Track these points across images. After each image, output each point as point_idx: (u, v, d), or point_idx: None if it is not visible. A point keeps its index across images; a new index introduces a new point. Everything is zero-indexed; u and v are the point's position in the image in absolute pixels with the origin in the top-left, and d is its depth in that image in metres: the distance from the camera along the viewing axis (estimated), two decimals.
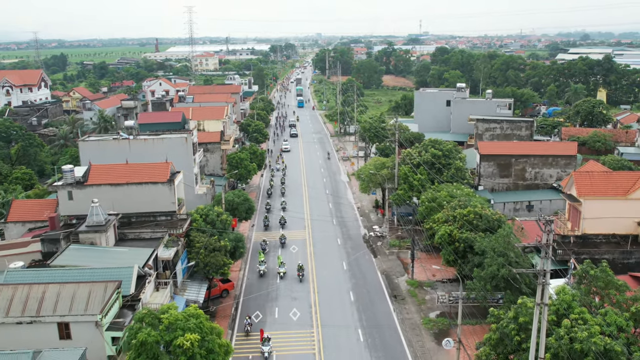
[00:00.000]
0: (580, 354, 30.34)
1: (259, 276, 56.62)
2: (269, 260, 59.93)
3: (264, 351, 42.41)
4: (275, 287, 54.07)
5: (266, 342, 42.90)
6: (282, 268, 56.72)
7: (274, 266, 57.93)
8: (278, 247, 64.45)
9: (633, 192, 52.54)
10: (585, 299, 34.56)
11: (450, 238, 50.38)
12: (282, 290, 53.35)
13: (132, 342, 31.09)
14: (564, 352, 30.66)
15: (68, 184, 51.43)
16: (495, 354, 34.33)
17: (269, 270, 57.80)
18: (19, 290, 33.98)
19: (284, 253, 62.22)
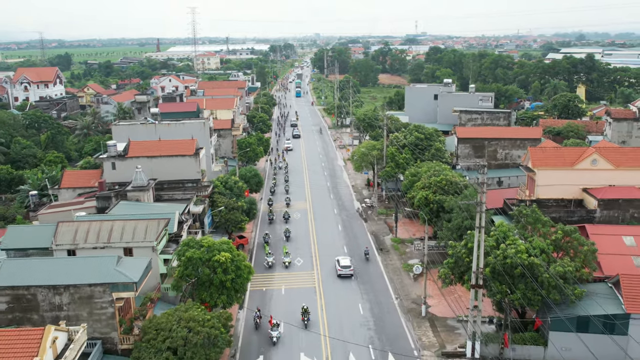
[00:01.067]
0: (510, 267, 41.94)
1: (267, 268, 59.00)
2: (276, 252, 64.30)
3: (272, 336, 44.56)
4: (282, 243, 65.30)
5: (275, 328, 44.95)
6: (287, 258, 59.79)
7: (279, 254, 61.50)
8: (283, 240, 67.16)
9: (578, 164, 64.28)
10: (520, 231, 46.22)
11: (426, 201, 62.01)
12: (289, 248, 64.08)
13: (181, 259, 42.68)
14: (499, 267, 42.28)
15: (112, 156, 63.03)
16: (452, 273, 45.90)
17: (276, 261, 60.92)
18: (93, 225, 45.52)
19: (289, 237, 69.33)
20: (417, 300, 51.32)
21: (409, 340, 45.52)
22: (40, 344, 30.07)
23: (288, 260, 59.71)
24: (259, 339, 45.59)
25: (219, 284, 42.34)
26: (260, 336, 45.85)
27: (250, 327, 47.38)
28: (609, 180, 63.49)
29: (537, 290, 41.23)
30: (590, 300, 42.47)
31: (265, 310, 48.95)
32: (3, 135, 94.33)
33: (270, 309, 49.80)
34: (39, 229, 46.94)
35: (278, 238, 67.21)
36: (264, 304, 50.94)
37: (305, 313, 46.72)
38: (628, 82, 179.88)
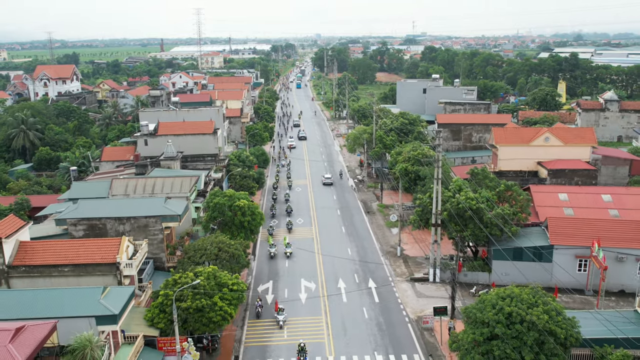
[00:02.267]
0: (462, 211, 55.27)
1: (270, 258, 61.99)
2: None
3: (279, 320, 47.17)
4: (284, 207, 78.54)
5: (281, 312, 47.49)
6: (289, 249, 62.38)
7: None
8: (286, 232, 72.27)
9: (533, 141, 77.86)
10: (471, 185, 59.67)
11: (406, 171, 75.42)
12: (292, 211, 77.40)
13: (209, 205, 56.17)
14: (454, 211, 55.61)
15: (144, 134, 76.58)
16: (419, 219, 59.28)
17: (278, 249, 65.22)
18: (140, 181, 59.05)
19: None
20: (395, 246, 64.72)
21: (386, 271, 58.93)
22: (119, 248, 43.53)
23: (290, 250, 62.23)
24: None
25: (239, 224, 55.86)
26: (271, 264, 58.90)
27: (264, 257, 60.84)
28: (559, 155, 77.11)
29: (482, 228, 54.57)
30: (525, 237, 55.80)
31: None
32: (39, 122, 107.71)
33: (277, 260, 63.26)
34: (96, 184, 60.51)
35: (281, 202, 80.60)
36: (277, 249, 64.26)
37: (301, 352, 42.41)
38: (609, 79, 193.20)
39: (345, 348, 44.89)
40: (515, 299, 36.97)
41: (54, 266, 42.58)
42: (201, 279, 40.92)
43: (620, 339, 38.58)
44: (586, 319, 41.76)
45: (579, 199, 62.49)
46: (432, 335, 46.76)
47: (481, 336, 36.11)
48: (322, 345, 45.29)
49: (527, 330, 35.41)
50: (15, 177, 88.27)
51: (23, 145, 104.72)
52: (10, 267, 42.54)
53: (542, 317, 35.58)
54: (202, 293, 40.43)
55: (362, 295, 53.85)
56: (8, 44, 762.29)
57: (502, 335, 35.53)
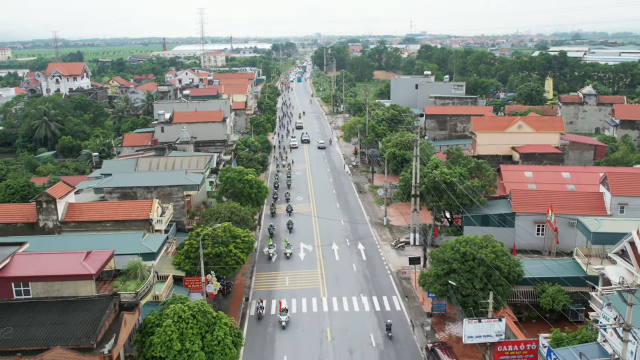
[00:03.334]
0: (437, 183, 65.20)
1: (268, 259, 62.60)
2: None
3: (281, 320, 47.93)
4: (286, 190, 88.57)
5: (284, 312, 48.36)
6: (289, 249, 63.12)
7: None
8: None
9: (508, 128, 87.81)
10: (446, 162, 69.66)
11: (394, 155, 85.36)
12: (291, 194, 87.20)
13: (222, 179, 66.22)
14: (430, 184, 65.52)
15: (161, 122, 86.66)
16: (402, 193, 69.19)
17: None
18: (161, 159, 69.10)
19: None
20: (382, 218, 74.71)
21: (373, 237, 68.97)
22: (151, 208, 53.56)
23: (289, 251, 62.81)
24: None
25: (247, 195, 65.94)
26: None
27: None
28: (530, 140, 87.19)
29: (454, 199, 64.50)
30: (492, 206, 65.77)
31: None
32: (59, 114, 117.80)
33: (280, 223, 73.20)
34: (124, 162, 70.56)
35: (284, 184, 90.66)
36: (278, 222, 74.19)
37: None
38: (597, 76, 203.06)
39: (337, 291, 54.93)
40: (470, 243, 46.97)
41: (98, 222, 52.59)
42: (219, 231, 50.95)
43: (561, 277, 48.58)
44: (533, 264, 51.85)
45: (541, 176, 72.39)
46: (409, 282, 56.79)
47: (442, 271, 46.08)
48: (317, 290, 55.32)
49: (477, 265, 45.35)
50: (41, 162, 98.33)
51: (45, 135, 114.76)
52: (62, 222, 52.54)
53: (489, 255, 45.55)
54: (220, 242, 50.45)
55: (352, 255, 63.89)
56: (10, 43, 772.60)
57: (457, 269, 45.48)
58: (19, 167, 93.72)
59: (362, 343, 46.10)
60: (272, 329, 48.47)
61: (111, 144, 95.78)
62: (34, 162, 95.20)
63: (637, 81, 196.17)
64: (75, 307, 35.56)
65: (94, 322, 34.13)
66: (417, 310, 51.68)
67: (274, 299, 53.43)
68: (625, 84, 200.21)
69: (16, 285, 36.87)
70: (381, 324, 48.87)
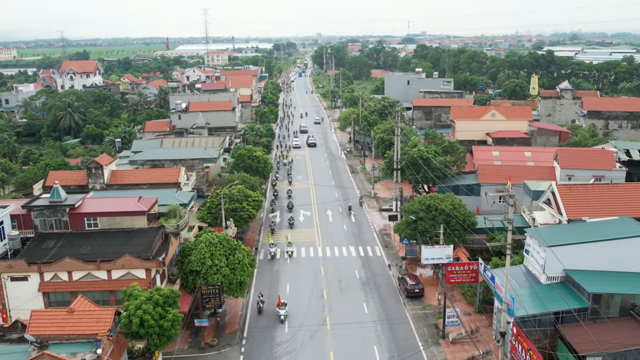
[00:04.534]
0: (416, 159, 78.26)
1: (270, 258, 64.00)
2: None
3: (280, 314, 49.76)
4: (287, 169, 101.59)
5: (283, 307, 50.14)
6: (291, 247, 64.82)
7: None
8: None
9: (483, 116, 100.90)
10: (425, 143, 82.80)
11: (382, 139, 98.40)
12: (292, 174, 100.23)
13: (234, 155, 79.43)
14: (410, 159, 78.59)
15: (178, 111, 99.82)
16: (387, 168, 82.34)
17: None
18: (182, 139, 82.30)
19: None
20: (370, 191, 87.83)
21: (366, 218, 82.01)
22: (179, 174, 66.73)
23: (291, 250, 64.43)
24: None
25: (255, 169, 79.09)
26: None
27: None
28: (502, 127, 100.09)
29: (429, 172, 77.56)
30: (463, 179, 78.77)
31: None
32: (81, 106, 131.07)
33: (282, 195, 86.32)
34: (150, 142, 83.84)
35: (285, 169, 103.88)
36: (281, 193, 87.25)
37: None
38: (582, 74, 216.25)
39: (330, 243, 68.11)
40: (434, 197, 60.07)
41: (136, 184, 65.71)
42: (234, 191, 64.12)
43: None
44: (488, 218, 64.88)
45: (506, 155, 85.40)
46: (389, 237, 69.94)
47: (411, 219, 59.15)
48: (314, 242, 68.47)
49: (438, 214, 58.40)
50: (69, 147, 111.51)
51: (69, 125, 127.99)
52: (107, 185, 65.70)
53: (448, 207, 58.63)
54: (235, 200, 63.60)
55: (343, 218, 77.06)
56: (13, 42, 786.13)
57: (424, 217, 58.52)
58: (50, 152, 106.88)
59: (348, 276, 59.24)
60: (277, 266, 61.65)
61: (132, 131, 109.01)
62: (64, 147, 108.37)
63: (620, 78, 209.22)
64: (133, 234, 48.73)
65: (149, 243, 47.30)
66: (394, 256, 64.78)
67: (279, 249, 66.38)
68: (610, 82, 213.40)
69: (87, 219, 50.02)
70: (365, 265, 62.03)
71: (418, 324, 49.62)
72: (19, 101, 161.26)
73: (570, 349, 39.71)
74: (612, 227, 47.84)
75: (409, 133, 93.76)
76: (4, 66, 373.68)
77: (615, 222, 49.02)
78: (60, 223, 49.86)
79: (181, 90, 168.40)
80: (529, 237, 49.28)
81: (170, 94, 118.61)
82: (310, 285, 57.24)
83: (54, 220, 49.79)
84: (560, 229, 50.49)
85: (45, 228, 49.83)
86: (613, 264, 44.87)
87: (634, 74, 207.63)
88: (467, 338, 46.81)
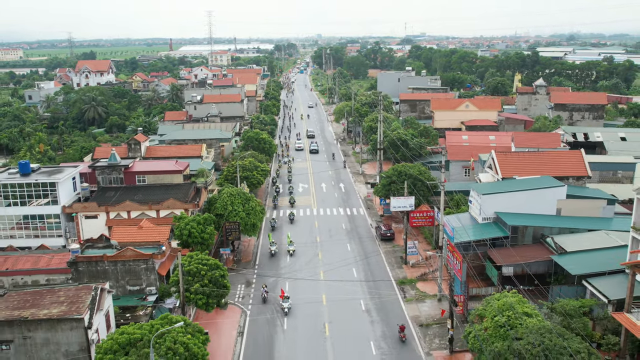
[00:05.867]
0: (396, 141, 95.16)
1: (270, 256, 65.93)
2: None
3: (284, 306, 51.20)
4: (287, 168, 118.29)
5: (286, 300, 51.57)
6: (292, 246, 66.39)
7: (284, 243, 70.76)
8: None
9: (458, 107, 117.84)
10: (405, 127, 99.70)
11: (370, 127, 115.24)
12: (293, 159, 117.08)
13: (244, 138, 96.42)
14: (390, 141, 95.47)
15: (193, 102, 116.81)
16: (372, 149, 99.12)
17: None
18: (200, 124, 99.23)
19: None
20: (359, 169, 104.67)
21: (350, 180, 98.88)
22: (201, 149, 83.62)
23: (292, 248, 66.10)
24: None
25: (262, 149, 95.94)
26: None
27: None
28: (475, 117, 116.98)
29: (406, 151, 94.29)
30: (435, 157, 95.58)
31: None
32: (104, 100, 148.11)
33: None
34: (174, 126, 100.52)
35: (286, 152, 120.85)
36: (282, 170, 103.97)
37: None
38: (565, 73, 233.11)
39: (323, 206, 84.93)
40: (405, 166, 76.83)
41: (167, 157, 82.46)
42: (246, 162, 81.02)
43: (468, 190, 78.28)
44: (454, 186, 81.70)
45: (473, 139, 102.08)
46: (371, 202, 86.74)
47: (386, 182, 75.84)
48: (310, 205, 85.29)
49: (408, 178, 75.08)
50: (97, 135, 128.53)
51: (93, 117, 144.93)
52: (144, 158, 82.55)
53: (415, 172, 75.35)
54: (247, 169, 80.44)
55: (335, 189, 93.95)
56: (16, 43, 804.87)
57: (396, 180, 75.16)
58: (81, 139, 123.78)
59: (337, 228, 76.06)
60: (280, 223, 78.51)
61: (151, 121, 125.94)
62: (94, 135, 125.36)
63: (600, 77, 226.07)
64: (173, 187, 65.63)
65: (185, 192, 64.23)
66: (375, 215, 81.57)
67: (282, 211, 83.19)
68: (591, 80, 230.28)
69: (138, 177, 66.89)
70: (350, 221, 78.77)
71: (388, 256, 66.45)
72: (41, 97, 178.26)
73: (493, 263, 56.46)
74: (533, 183, 64.64)
75: (391, 120, 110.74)
76: (13, 66, 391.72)
77: (537, 179, 65.78)
78: (117, 179, 66.79)
79: (190, 87, 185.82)
80: (472, 191, 66.06)
81: (185, 89, 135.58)
82: (306, 234, 74.01)
83: (112, 177, 66.69)
84: (495, 184, 67.44)
85: (105, 183, 66.73)
86: (529, 207, 61.60)
87: (613, 72, 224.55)
88: (423, 264, 63.63)
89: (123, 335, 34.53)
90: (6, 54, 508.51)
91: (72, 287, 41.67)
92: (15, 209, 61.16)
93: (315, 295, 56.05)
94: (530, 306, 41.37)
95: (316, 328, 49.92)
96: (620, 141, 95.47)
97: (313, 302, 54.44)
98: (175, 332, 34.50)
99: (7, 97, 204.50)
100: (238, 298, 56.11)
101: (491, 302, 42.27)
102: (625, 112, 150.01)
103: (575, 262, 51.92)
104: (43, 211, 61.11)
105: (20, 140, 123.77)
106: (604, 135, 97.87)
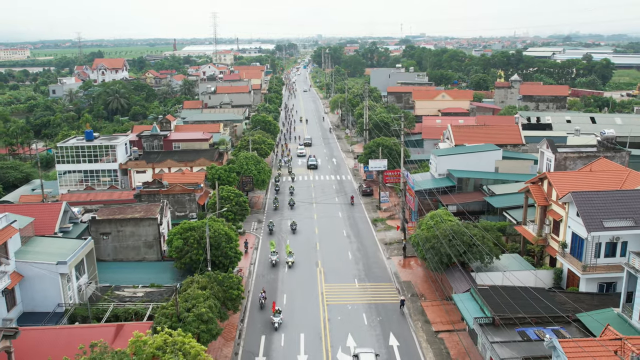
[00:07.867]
0: (379, 122, 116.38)
1: (271, 266, 64.13)
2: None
3: (274, 321, 49.89)
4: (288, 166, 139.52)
5: (277, 314, 50.26)
6: (291, 258, 64.50)
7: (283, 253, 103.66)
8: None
9: (435, 97, 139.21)
10: (385, 111, 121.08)
11: (360, 115, 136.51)
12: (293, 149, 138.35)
13: (253, 121, 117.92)
14: (374, 123, 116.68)
15: (208, 92, 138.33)
16: (360, 132, 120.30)
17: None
18: (215, 109, 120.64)
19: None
20: (350, 148, 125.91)
21: (342, 157, 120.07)
22: (219, 127, 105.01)
23: (292, 260, 64.03)
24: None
25: (268, 129, 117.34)
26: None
27: None
28: (450, 105, 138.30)
29: (388, 132, 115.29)
30: (413, 137, 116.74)
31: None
32: (125, 93, 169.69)
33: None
34: (193, 111, 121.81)
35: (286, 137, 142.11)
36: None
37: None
38: (547, 71, 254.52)
39: (317, 174, 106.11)
40: (384, 139, 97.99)
41: (189, 140, 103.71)
42: (256, 137, 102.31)
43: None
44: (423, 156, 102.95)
45: (446, 121, 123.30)
46: (357, 170, 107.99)
47: (367, 151, 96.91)
48: (308, 173, 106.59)
49: (384, 148, 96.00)
50: (124, 122, 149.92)
51: (117, 107, 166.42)
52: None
53: (391, 144, 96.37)
54: (256, 142, 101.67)
55: (328, 163, 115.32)
56: (20, 43, 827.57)
57: (375, 150, 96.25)
58: (109, 125, 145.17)
59: (329, 187, 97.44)
60: (282, 187, 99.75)
61: (169, 110, 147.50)
62: (121, 121, 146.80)
63: (580, 74, 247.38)
64: (201, 151, 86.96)
65: (212, 154, 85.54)
66: (359, 179, 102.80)
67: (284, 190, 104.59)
68: (571, 77, 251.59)
69: (174, 144, 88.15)
70: (340, 183, 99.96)
71: (367, 205, 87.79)
72: (64, 91, 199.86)
73: (443, 205, 77.60)
74: (478, 148, 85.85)
75: (376, 107, 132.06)
76: (22, 65, 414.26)
77: (481, 145, 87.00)
78: (158, 146, 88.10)
79: (201, 81, 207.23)
80: (431, 154, 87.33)
81: (198, 83, 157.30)
82: (304, 192, 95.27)
83: (154, 144, 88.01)
84: (449, 148, 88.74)
85: (149, 149, 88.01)
86: (474, 166, 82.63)
87: (591, 70, 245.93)
88: (392, 209, 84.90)
89: (185, 224, 55.68)
90: (14, 53, 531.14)
91: (144, 204, 62.95)
92: (84, 165, 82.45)
93: (310, 221, 77.53)
94: (454, 217, 62.42)
95: (309, 244, 71.33)
96: (565, 123, 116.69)
97: (309, 223, 76.04)
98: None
99: (30, 92, 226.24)
100: (253, 229, 77.40)
101: (428, 215, 63.43)
102: (592, 104, 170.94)
103: (500, 200, 73.07)
104: (105, 167, 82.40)
105: (55, 125, 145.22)
106: (553, 118, 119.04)
